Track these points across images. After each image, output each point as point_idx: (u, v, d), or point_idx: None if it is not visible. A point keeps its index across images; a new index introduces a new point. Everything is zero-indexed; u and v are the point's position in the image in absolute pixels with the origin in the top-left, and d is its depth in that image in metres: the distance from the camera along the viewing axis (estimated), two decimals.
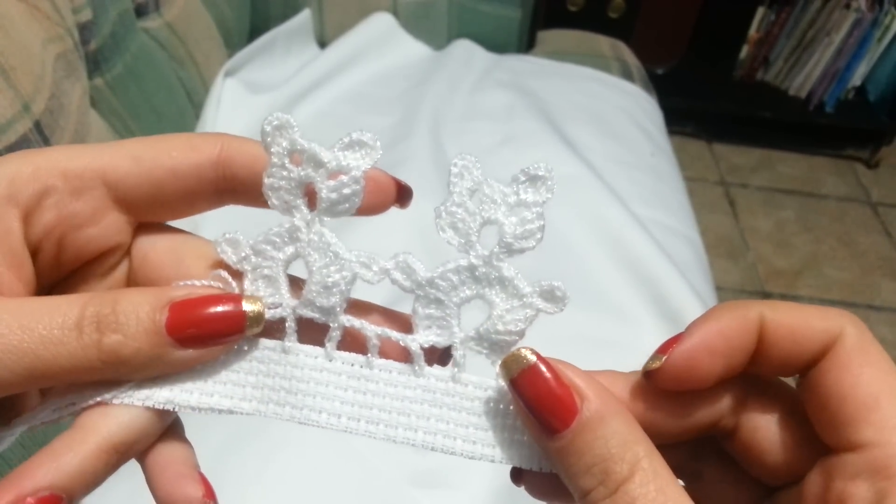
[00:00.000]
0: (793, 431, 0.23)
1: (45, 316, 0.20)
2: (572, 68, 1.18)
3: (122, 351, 0.20)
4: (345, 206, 0.23)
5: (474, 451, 0.22)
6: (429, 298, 0.23)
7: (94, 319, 0.20)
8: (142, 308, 0.20)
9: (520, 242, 0.22)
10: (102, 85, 0.74)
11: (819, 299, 1.68)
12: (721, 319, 0.22)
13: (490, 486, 0.58)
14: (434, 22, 1.21)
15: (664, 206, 0.95)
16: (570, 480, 0.20)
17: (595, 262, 0.79)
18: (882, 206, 1.97)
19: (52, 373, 0.20)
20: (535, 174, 0.22)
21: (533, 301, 0.22)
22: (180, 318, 0.21)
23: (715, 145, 2.12)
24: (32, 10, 0.58)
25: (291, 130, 0.22)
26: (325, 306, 0.23)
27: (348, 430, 0.23)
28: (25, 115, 0.53)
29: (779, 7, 1.96)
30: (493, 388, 0.23)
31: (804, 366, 0.22)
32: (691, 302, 0.75)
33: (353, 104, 1.03)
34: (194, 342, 0.21)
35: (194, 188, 0.23)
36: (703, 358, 0.22)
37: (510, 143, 0.94)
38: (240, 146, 0.23)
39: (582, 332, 0.69)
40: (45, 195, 0.22)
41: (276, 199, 0.23)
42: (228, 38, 1.04)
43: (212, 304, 0.21)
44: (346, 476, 0.57)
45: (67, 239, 0.23)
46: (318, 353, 0.23)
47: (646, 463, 0.20)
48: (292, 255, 0.23)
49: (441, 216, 0.22)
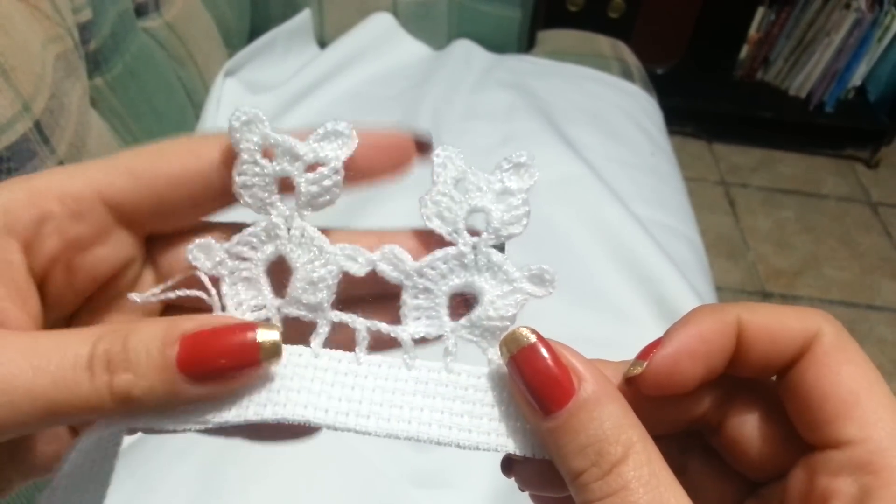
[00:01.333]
0: (777, 428, 0.23)
1: (55, 355, 0.19)
2: (572, 68, 1.18)
3: (134, 391, 0.19)
4: (325, 199, 0.22)
5: (469, 439, 0.22)
6: (417, 288, 0.23)
7: (105, 358, 0.19)
8: (152, 343, 0.19)
9: (507, 228, 0.22)
10: (102, 85, 0.74)
11: (819, 299, 1.68)
12: (700, 323, 0.22)
13: (490, 486, 0.58)
14: (434, 22, 1.21)
15: (664, 206, 0.95)
16: (561, 461, 0.20)
17: (595, 262, 0.79)
18: (882, 206, 1.97)
19: (67, 413, 0.19)
20: (519, 161, 0.23)
21: (522, 286, 0.22)
22: (191, 352, 0.19)
23: (715, 145, 2.12)
24: (32, 10, 0.58)
25: (262, 125, 0.22)
26: (312, 303, 0.22)
27: (336, 424, 0.22)
28: (25, 115, 0.53)
29: (779, 7, 1.96)
30: (486, 376, 0.22)
31: (783, 366, 0.22)
32: (691, 302, 0.75)
33: (353, 104, 1.03)
34: (207, 377, 0.20)
35: (200, 195, 0.22)
36: (683, 362, 0.22)
37: (510, 143, 0.94)
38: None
39: (582, 332, 0.69)
40: (43, 222, 0.21)
41: (249, 197, 0.22)
42: (228, 38, 1.04)
43: (224, 334, 0.20)
44: (345, 476, 0.57)
45: (75, 263, 0.22)
46: (304, 351, 0.22)
47: (640, 447, 0.20)
48: (272, 253, 0.23)
49: (427, 205, 0.22)
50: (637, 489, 0.19)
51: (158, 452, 0.57)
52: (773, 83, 2.09)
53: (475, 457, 0.69)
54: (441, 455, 0.59)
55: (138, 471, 0.55)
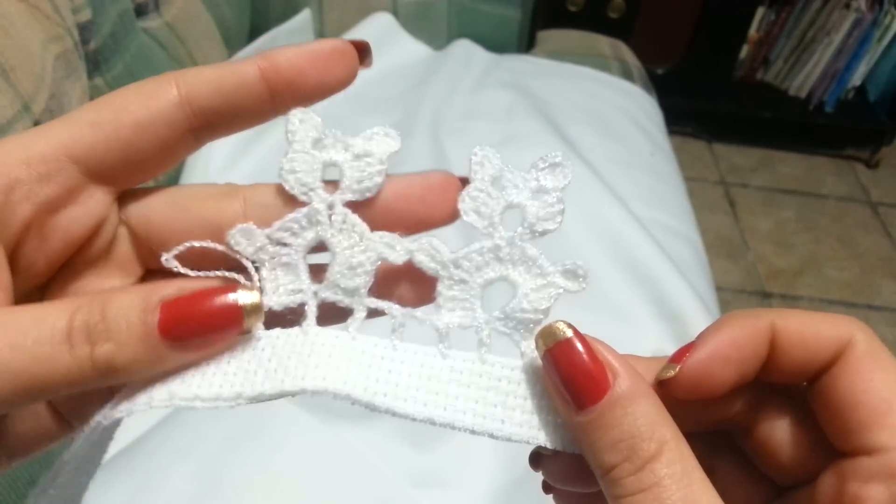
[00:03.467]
0: (807, 433, 0.23)
1: (32, 330, 0.18)
2: (572, 68, 1.18)
3: (117, 360, 0.19)
4: (367, 185, 0.23)
5: (502, 430, 0.22)
6: (453, 279, 0.23)
7: (84, 329, 0.19)
8: (132, 311, 0.19)
9: (542, 224, 0.23)
10: (102, 85, 0.74)
11: (819, 299, 1.68)
12: (733, 328, 0.22)
13: (490, 485, 0.58)
14: (434, 22, 1.21)
15: (664, 206, 0.95)
16: (593, 456, 0.20)
17: (595, 262, 0.79)
18: (882, 206, 1.97)
19: (49, 389, 0.19)
20: (554, 161, 0.23)
21: (556, 280, 0.23)
22: (173, 318, 0.19)
23: (715, 145, 2.12)
24: (32, 10, 0.58)
25: (318, 124, 0.23)
26: (350, 287, 0.23)
27: (375, 402, 0.22)
28: (25, 115, 0.53)
29: (779, 7, 1.96)
30: (520, 369, 0.23)
31: (815, 373, 0.22)
32: (691, 302, 0.75)
33: (352, 104, 1.03)
34: (190, 341, 0.20)
35: (167, 136, 0.22)
36: (716, 367, 0.22)
37: (510, 143, 0.94)
38: (197, 75, 0.22)
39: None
40: (11, 189, 0.20)
41: (293, 181, 0.23)
42: (228, 38, 1.04)
43: (205, 298, 0.20)
44: (345, 476, 0.57)
45: (48, 226, 0.21)
46: (342, 334, 0.23)
47: (673, 444, 0.20)
48: (312, 239, 0.23)
49: (464, 201, 0.23)
50: (670, 486, 0.19)
51: (158, 452, 0.57)
52: (773, 83, 2.09)
53: (475, 457, 0.69)
54: (441, 455, 0.59)
55: (138, 471, 0.55)
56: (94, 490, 0.23)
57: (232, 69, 0.22)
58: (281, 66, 0.22)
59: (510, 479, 0.59)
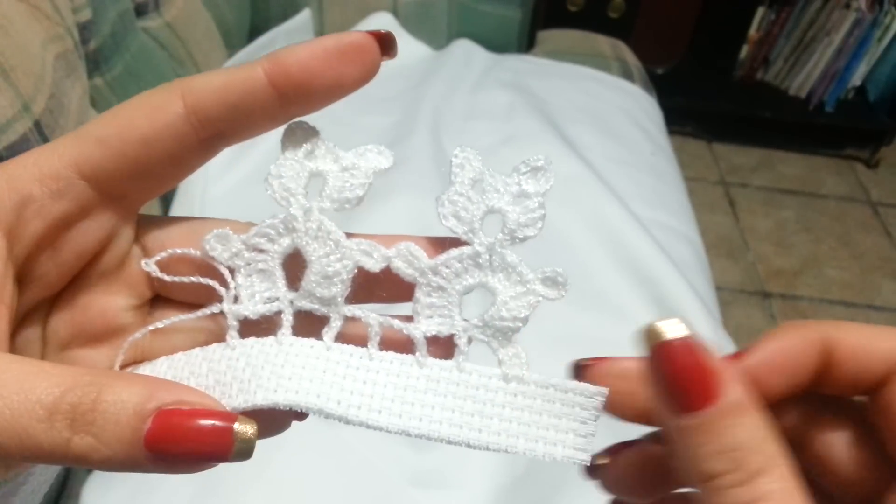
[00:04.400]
0: (868, 450, 0.22)
1: (16, 398, 0.18)
2: (572, 68, 1.18)
3: (93, 455, 0.18)
4: (348, 196, 0.23)
5: (479, 439, 0.22)
6: (431, 286, 0.23)
7: (70, 413, 0.18)
8: (124, 411, 0.18)
9: (523, 230, 0.23)
10: (102, 85, 0.74)
11: (819, 299, 1.68)
12: (783, 338, 0.22)
13: (490, 485, 0.58)
14: (434, 22, 1.21)
15: (664, 206, 0.95)
16: (693, 462, 0.20)
17: (595, 262, 0.79)
18: (882, 206, 1.97)
19: (21, 458, 0.18)
20: (536, 165, 0.23)
21: (535, 287, 0.23)
22: (163, 431, 0.18)
23: (715, 145, 2.12)
24: (32, 10, 0.58)
25: (313, 136, 0.23)
26: (326, 297, 0.23)
27: (348, 416, 0.21)
28: (25, 115, 0.53)
29: (779, 7, 1.96)
30: (497, 377, 0.23)
31: (872, 386, 0.22)
32: (691, 302, 0.75)
33: (352, 104, 1.02)
34: (172, 459, 0.19)
35: (175, 150, 0.21)
36: (764, 376, 0.22)
37: (510, 143, 0.94)
38: (203, 84, 0.21)
39: (582, 332, 0.69)
40: (24, 206, 0.20)
41: (277, 185, 0.23)
42: (228, 38, 1.04)
43: (201, 418, 0.19)
44: (345, 476, 0.57)
45: (60, 241, 0.22)
46: (316, 344, 0.22)
47: (781, 461, 0.19)
48: (288, 246, 0.23)
49: (444, 205, 0.23)
50: (777, 501, 0.19)
51: None
52: (773, 83, 2.09)
53: (474, 457, 0.69)
54: (440, 455, 0.59)
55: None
56: (94, 490, 0.23)
57: (239, 76, 0.21)
58: (290, 69, 0.21)
59: (510, 479, 0.59)
